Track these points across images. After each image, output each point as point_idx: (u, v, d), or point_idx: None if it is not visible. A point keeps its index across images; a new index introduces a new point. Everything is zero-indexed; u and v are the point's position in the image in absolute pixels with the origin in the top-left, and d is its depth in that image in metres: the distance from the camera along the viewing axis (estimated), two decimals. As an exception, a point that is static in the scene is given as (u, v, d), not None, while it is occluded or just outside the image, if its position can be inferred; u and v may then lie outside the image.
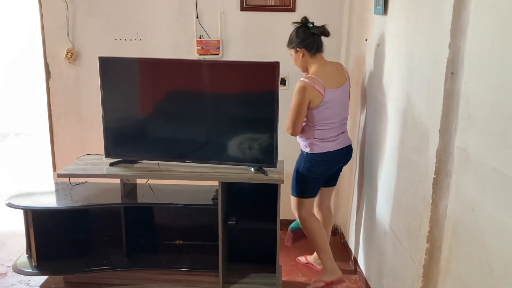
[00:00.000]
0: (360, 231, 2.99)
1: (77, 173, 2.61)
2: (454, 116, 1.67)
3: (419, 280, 1.87)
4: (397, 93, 2.32)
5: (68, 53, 3.38)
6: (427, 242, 1.81)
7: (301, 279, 3.00)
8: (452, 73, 1.66)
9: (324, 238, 2.83)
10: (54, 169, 3.63)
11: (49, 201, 2.80)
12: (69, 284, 2.75)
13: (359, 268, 2.96)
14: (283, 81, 3.42)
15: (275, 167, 2.56)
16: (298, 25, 2.65)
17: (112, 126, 2.67)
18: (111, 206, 2.70)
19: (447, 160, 1.72)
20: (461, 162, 1.64)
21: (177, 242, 2.97)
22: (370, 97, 2.79)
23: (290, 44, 2.68)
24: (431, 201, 1.77)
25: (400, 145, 2.27)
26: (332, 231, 3.67)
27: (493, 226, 1.44)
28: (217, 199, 2.55)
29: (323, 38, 2.66)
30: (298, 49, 2.64)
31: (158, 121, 2.70)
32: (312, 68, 2.65)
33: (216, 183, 2.55)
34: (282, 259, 3.16)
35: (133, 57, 2.71)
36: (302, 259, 3.19)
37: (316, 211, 2.95)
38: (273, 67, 2.45)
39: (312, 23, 2.63)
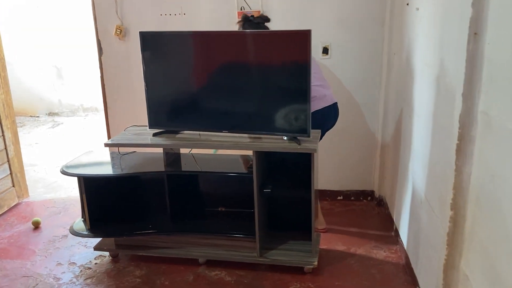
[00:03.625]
0: (401, 202, 2.94)
1: (123, 142, 2.78)
2: (477, 79, 1.60)
3: (444, 248, 1.83)
4: (432, 58, 2.23)
5: (117, 30, 3.54)
6: (451, 209, 1.77)
7: (340, 247, 3.02)
8: (475, 33, 1.58)
9: None
10: (109, 140, 3.86)
11: (100, 170, 2.99)
12: (120, 246, 2.97)
13: (400, 238, 2.93)
14: (326, 50, 3.38)
15: (309, 136, 2.56)
16: (242, 22, 2.86)
17: (154, 98, 2.79)
18: (155, 173, 2.86)
19: (470, 125, 1.65)
20: (484, 127, 1.57)
21: (219, 209, 3.09)
22: (411, 63, 2.70)
23: None
24: (454, 167, 1.72)
25: (434, 112, 2.19)
26: (377, 201, 3.65)
27: (510, 192, 1.39)
28: (252, 168, 2.62)
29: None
30: None
31: (196, 92, 2.78)
32: None
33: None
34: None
35: (171, 30, 2.79)
36: None
37: None
38: (305, 35, 2.42)
39: (253, 16, 2.85)
